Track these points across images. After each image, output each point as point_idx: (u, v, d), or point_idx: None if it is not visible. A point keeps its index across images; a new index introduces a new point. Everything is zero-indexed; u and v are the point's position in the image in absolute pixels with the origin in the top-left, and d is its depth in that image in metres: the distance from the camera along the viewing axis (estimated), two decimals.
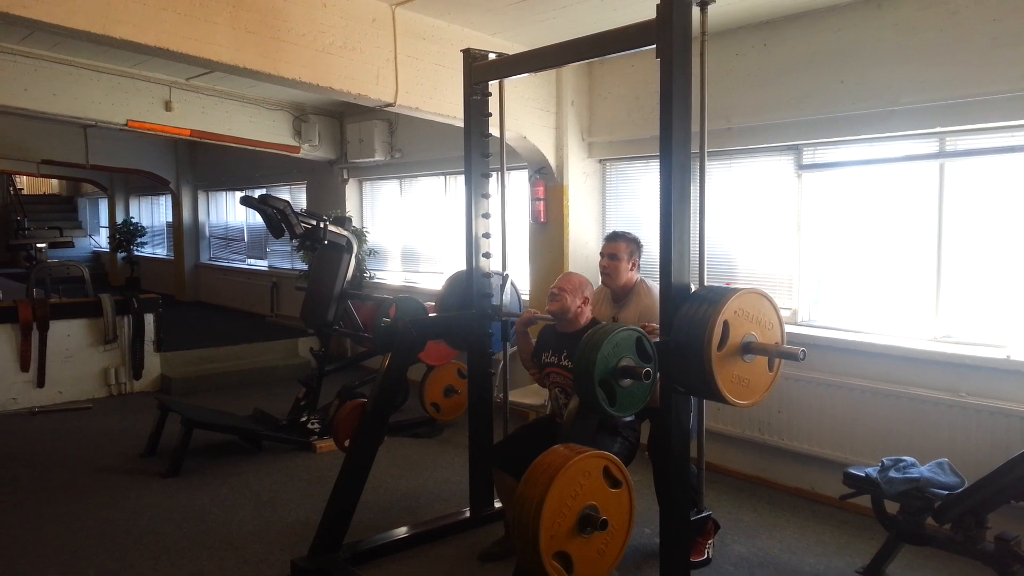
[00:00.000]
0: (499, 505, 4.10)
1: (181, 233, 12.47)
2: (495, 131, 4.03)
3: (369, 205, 8.76)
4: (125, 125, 6.82)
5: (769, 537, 4.07)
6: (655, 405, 2.90)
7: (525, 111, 5.48)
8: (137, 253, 14.26)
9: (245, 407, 6.20)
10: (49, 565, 3.75)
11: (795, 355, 2.79)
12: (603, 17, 4.47)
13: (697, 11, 2.92)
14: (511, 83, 4.15)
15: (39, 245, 13.85)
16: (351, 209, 8.65)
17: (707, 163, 3.12)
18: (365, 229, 8.29)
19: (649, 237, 3.81)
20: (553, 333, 3.61)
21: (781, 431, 4.67)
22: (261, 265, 11.08)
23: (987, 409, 3.84)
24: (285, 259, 10.32)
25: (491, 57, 3.85)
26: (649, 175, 5.61)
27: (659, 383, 2.78)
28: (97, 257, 17.08)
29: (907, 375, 4.15)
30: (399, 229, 8.28)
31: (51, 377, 6.80)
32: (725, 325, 2.74)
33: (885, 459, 3.49)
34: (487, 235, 4.01)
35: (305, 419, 5.64)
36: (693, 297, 2.86)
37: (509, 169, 4.84)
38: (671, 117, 2.79)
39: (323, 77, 4.26)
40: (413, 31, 4.66)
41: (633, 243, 3.83)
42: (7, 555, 3.86)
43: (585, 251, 5.82)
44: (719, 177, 5.08)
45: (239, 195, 7.66)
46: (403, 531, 4.01)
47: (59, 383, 6.86)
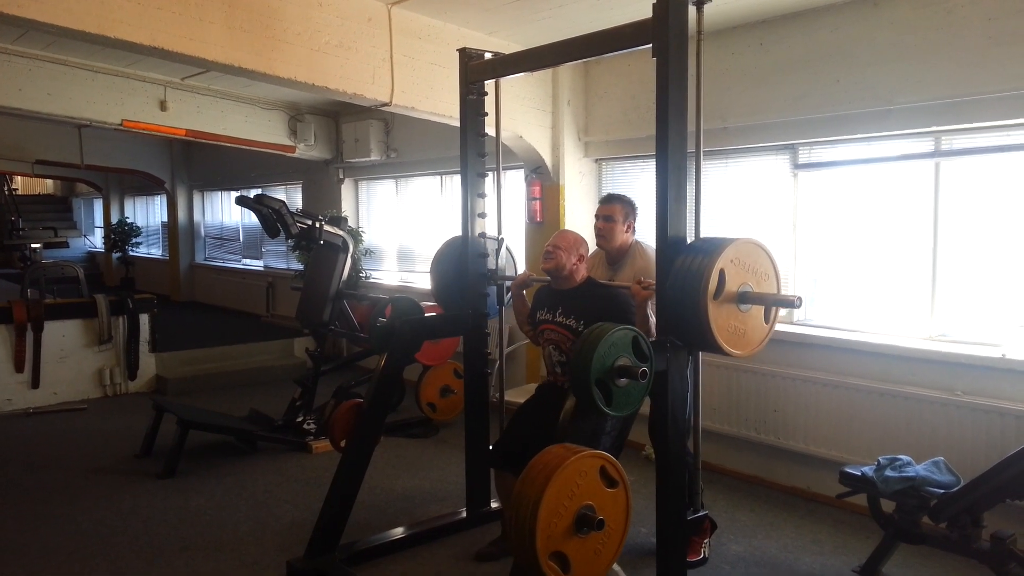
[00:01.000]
0: (496, 505, 4.10)
1: (176, 233, 12.43)
2: (491, 131, 4.03)
3: (365, 205, 8.75)
4: (120, 125, 6.80)
5: (766, 536, 4.07)
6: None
7: (521, 110, 5.48)
8: (132, 253, 14.20)
9: (241, 407, 6.18)
10: (44, 567, 3.74)
11: (791, 302, 2.78)
12: (599, 16, 4.47)
13: (693, 10, 2.93)
14: (507, 82, 4.15)
15: (34, 245, 13.76)
16: (347, 209, 8.65)
17: (703, 162, 3.13)
18: (361, 229, 8.29)
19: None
20: (548, 291, 3.62)
21: (777, 430, 4.67)
22: (256, 265, 11.06)
23: (983, 408, 3.84)
24: (281, 259, 10.30)
25: (487, 56, 3.84)
26: (645, 175, 5.59)
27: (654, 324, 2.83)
28: (92, 257, 17.02)
29: (903, 374, 4.15)
30: (395, 229, 8.26)
31: (46, 378, 6.77)
32: (721, 273, 2.72)
33: (881, 458, 3.50)
34: (483, 235, 4.01)
35: (301, 419, 5.62)
36: (689, 248, 2.86)
37: (505, 169, 4.84)
38: (667, 116, 2.79)
39: (319, 76, 4.25)
40: (409, 30, 4.65)
41: (628, 205, 3.80)
42: (1, 557, 3.84)
43: None
44: (715, 176, 5.07)
45: (234, 195, 7.63)
46: (399, 531, 4.01)
47: (54, 384, 6.83)
